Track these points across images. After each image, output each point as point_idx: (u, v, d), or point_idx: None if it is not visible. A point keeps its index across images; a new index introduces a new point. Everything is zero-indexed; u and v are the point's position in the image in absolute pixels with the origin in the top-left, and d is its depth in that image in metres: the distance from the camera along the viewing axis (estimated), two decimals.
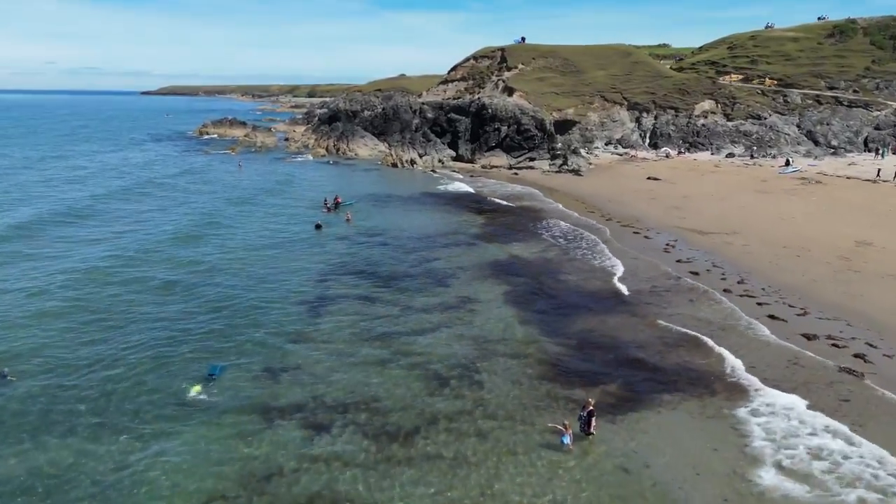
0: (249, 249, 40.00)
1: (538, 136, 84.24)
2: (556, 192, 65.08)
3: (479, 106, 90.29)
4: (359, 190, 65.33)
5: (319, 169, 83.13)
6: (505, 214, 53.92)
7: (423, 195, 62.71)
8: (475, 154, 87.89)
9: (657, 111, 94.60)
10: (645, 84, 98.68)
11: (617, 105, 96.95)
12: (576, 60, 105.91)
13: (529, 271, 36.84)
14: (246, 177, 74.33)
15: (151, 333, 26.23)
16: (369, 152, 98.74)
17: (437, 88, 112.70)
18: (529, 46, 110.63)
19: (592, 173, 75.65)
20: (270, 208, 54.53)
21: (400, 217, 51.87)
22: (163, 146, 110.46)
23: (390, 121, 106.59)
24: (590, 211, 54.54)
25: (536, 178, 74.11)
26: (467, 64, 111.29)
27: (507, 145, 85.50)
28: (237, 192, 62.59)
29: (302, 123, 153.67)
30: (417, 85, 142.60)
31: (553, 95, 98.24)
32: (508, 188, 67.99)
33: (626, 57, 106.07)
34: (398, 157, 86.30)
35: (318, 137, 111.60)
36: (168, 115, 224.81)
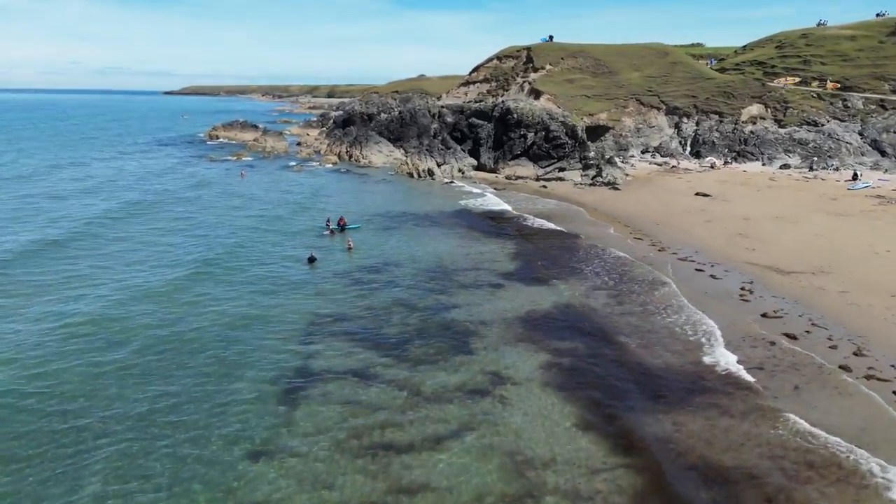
0: (219, 303, 31.30)
1: (568, 144, 75.75)
2: (593, 210, 56.56)
3: (503, 110, 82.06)
4: (367, 207, 57.47)
5: (328, 179, 75.47)
6: (537, 240, 45.53)
7: (440, 214, 54.58)
8: (498, 163, 79.63)
9: (699, 116, 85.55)
10: (685, 86, 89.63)
11: (654, 109, 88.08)
12: (608, 61, 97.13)
13: (579, 328, 28.52)
14: (246, 188, 66.88)
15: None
16: (384, 160, 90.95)
17: (458, 91, 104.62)
18: (557, 45, 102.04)
19: (631, 187, 67.03)
20: (262, 232, 46.64)
21: (412, 244, 43.74)
22: (167, 152, 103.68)
23: (407, 125, 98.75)
24: (637, 237, 45.97)
25: (568, 193, 65.65)
26: (490, 64, 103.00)
27: (533, 154, 77.13)
28: (229, 211, 54.85)
29: (316, 126, 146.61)
30: (437, 87, 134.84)
31: (584, 99, 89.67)
32: (538, 204, 59.58)
33: (662, 57, 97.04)
34: (415, 167, 78.37)
35: (331, 143, 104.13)
36: (184, 116, 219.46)
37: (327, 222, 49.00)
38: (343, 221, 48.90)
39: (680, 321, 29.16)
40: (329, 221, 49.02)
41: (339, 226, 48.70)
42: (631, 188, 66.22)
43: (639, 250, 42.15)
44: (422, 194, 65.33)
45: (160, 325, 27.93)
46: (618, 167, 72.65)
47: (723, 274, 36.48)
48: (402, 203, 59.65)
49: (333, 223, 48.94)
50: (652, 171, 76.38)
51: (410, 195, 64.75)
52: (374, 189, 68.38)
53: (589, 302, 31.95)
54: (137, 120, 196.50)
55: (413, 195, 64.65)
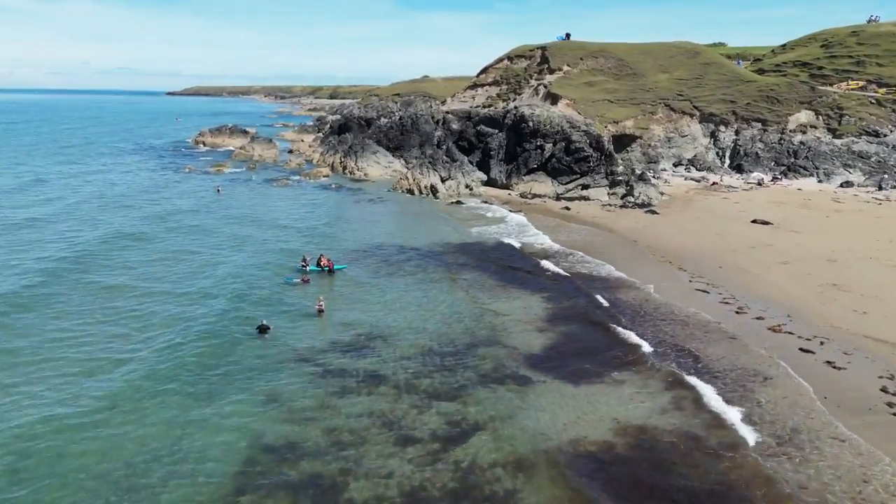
0: (109, 408, 21.12)
1: (593, 158, 65.00)
2: (630, 242, 45.89)
3: (516, 117, 71.43)
4: (356, 237, 46.90)
5: (315, 197, 64.86)
6: (567, 298, 34.62)
7: (446, 249, 43.88)
8: (511, 178, 68.96)
9: (738, 124, 74.73)
10: (720, 90, 78.80)
11: (686, 116, 77.29)
12: (632, 61, 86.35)
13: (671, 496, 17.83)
14: (219, 207, 56.41)
15: None
16: (381, 172, 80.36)
17: (464, 94, 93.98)
18: (575, 44, 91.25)
19: (670, 209, 56.30)
20: (215, 277, 35.75)
21: (409, 301, 32.87)
22: (146, 161, 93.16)
23: (408, 133, 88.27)
24: (701, 287, 35.07)
25: (596, 216, 54.92)
26: (500, 65, 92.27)
27: (552, 168, 66.42)
28: (187, 238, 44.37)
29: (311, 131, 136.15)
30: (441, 89, 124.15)
31: (606, 104, 78.92)
32: (562, 234, 48.81)
33: (693, 57, 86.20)
34: (415, 182, 67.76)
35: (324, 151, 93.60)
36: (178, 118, 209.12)
37: (303, 262, 38.51)
38: (327, 262, 38.38)
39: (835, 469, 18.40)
40: (306, 261, 38.52)
41: (321, 267, 38.25)
42: (670, 211, 55.46)
43: (711, 309, 31.45)
44: (424, 219, 54.62)
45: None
46: (651, 184, 61.90)
47: (841, 357, 25.72)
48: (400, 232, 49.02)
49: (312, 263, 38.50)
50: (689, 188, 65.58)
51: (410, 221, 54.07)
52: (367, 212, 57.71)
53: (664, 434, 21.02)
54: (130, 123, 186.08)
55: (413, 221, 53.97)
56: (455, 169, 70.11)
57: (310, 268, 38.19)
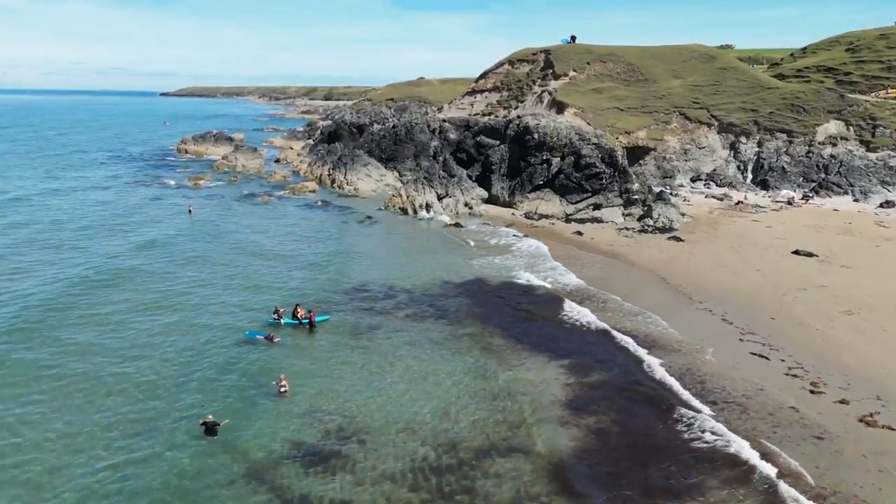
0: None
1: (606, 174, 58.44)
2: (659, 279, 39.27)
3: (520, 128, 64.88)
4: (337, 272, 40.21)
5: (298, 218, 58.13)
6: (610, 365, 28.10)
7: (442, 291, 37.10)
8: (515, 195, 62.38)
9: (761, 135, 68.34)
10: (740, 98, 72.42)
11: (703, 126, 70.91)
12: (642, 66, 79.92)
13: None
14: (186, 234, 49.66)
15: None
16: (373, 186, 73.69)
17: (462, 101, 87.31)
18: (581, 47, 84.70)
19: (695, 234, 49.86)
20: (158, 339, 28.92)
21: (391, 375, 26.08)
22: (121, 172, 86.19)
23: (402, 143, 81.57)
24: (753, 350, 28.68)
25: (614, 243, 48.35)
26: (500, 70, 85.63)
27: (560, 185, 59.85)
28: (136, 285, 37.20)
29: (302, 137, 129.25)
30: (437, 94, 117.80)
31: (616, 112, 72.48)
32: (580, 266, 42.15)
33: (708, 61, 79.83)
34: (409, 201, 61.11)
35: (312, 162, 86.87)
36: (167, 122, 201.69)
37: (275, 314, 31.86)
38: (305, 314, 31.73)
39: None
40: (279, 313, 31.86)
41: (297, 319, 31.66)
42: (696, 238, 49.01)
43: (777, 383, 24.93)
44: (418, 247, 47.99)
45: None
46: (671, 205, 55.42)
47: None
48: (390, 265, 42.38)
49: (287, 315, 31.88)
50: (712, 207, 59.12)
51: (402, 249, 47.44)
52: (353, 237, 50.97)
53: None
54: (117, 128, 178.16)
55: (406, 249, 47.33)
56: (453, 185, 63.46)
57: (284, 321, 31.62)
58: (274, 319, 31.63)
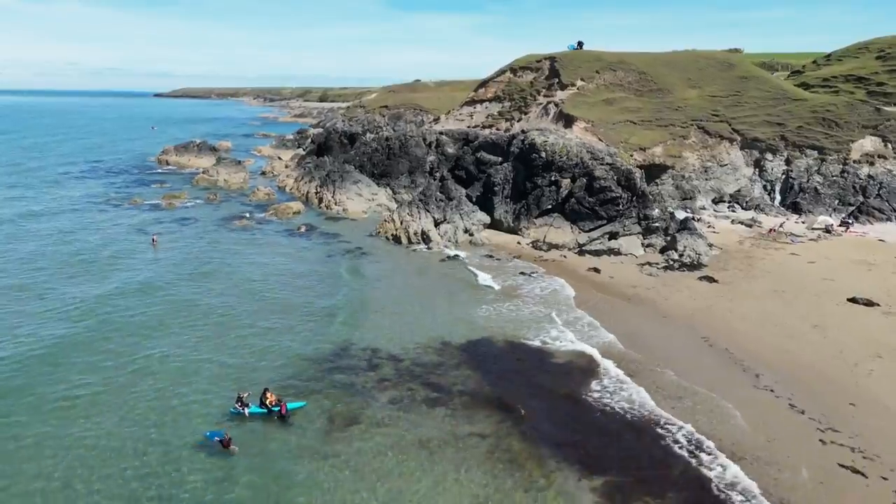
0: None
1: (623, 199, 51.97)
2: (698, 339, 32.78)
3: (525, 145, 58.34)
4: (318, 331, 33.60)
5: (277, 250, 51.44)
6: (668, 485, 21.67)
7: (438, 358, 30.47)
8: (521, 220, 55.86)
9: (789, 152, 61.94)
10: (764, 110, 66.05)
11: (725, 141, 64.51)
12: (655, 74, 73.50)
13: None
14: (144, 275, 42.91)
15: None
16: (363, 207, 67.07)
17: (461, 111, 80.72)
18: (590, 55, 78.16)
19: (727, 271, 43.43)
20: (70, 453, 22.64)
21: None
22: (95, 189, 79.44)
23: (395, 157, 74.95)
24: (841, 461, 22.18)
25: (637, 284, 41.79)
26: (502, 78, 79.05)
27: (571, 210, 53.35)
28: (60, 365, 30.81)
29: (291, 146, 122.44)
30: (434, 101, 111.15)
31: (629, 126, 66.07)
32: (611, 319, 35.64)
33: (727, 69, 73.42)
34: (403, 227, 54.54)
35: (299, 177, 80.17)
36: (154, 127, 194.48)
37: (239, 402, 25.25)
38: (275, 401, 25.24)
39: None
40: (243, 401, 25.27)
41: (265, 408, 25.13)
42: (731, 276, 42.55)
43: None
44: (412, 289, 41.39)
45: None
46: (697, 235, 48.98)
47: None
48: (378, 317, 35.77)
49: (253, 403, 25.36)
50: (741, 235, 52.68)
51: (393, 295, 40.75)
52: (337, 278, 44.21)
53: None
54: (102, 134, 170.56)
55: (398, 295, 40.66)
56: (451, 209, 56.87)
57: (249, 411, 25.08)
58: (237, 410, 25.08)
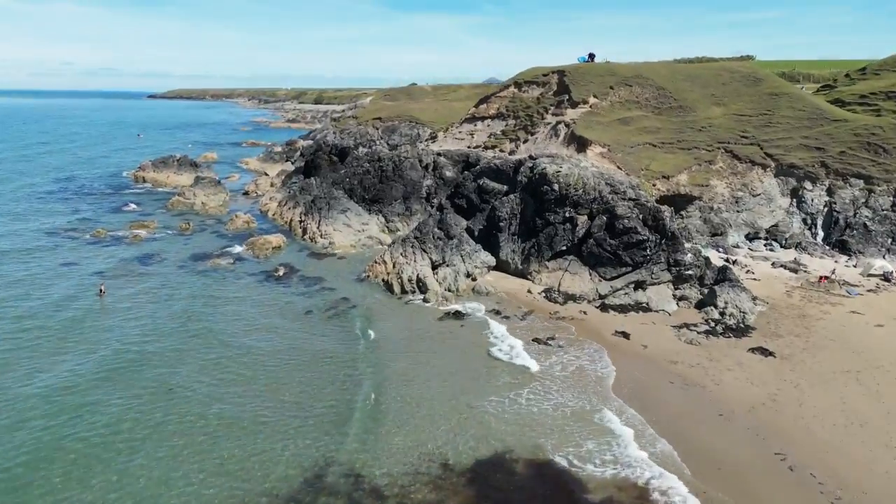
0: None
1: (650, 242, 44.54)
2: (776, 461, 25.35)
3: (534, 175, 50.83)
4: (279, 455, 26.11)
5: (246, 304, 43.70)
6: None
7: (435, 498, 23.17)
8: (530, 262, 48.37)
9: (831, 180, 54.63)
10: (799, 132, 58.71)
11: (757, 167, 57.14)
12: (675, 90, 66.07)
13: None
14: (74, 347, 35.37)
15: None
16: (352, 239, 59.43)
17: (461, 129, 73.14)
18: (602, 68, 70.57)
19: (781, 338, 36.07)
20: None
21: None
22: (57, 215, 71.72)
23: (389, 181, 67.40)
24: None
25: (678, 357, 34.34)
26: (505, 93, 71.49)
27: (590, 253, 45.89)
28: None
29: (279, 159, 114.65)
30: (430, 112, 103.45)
31: (648, 149, 58.67)
32: (660, 417, 28.24)
33: (754, 84, 66.05)
34: (396, 272, 47.02)
35: (283, 201, 72.47)
36: (140, 134, 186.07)
37: None
38: None
39: None
40: None
41: None
42: (786, 344, 35.18)
43: None
44: (406, 371, 33.87)
45: None
46: (739, 286, 41.58)
47: None
48: (361, 426, 28.34)
49: None
50: (785, 283, 45.31)
51: (382, 377, 33.26)
52: (314, 353, 36.50)
53: None
54: (82, 143, 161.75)
55: (388, 376, 33.16)
56: (451, 249, 49.33)
57: None
58: None
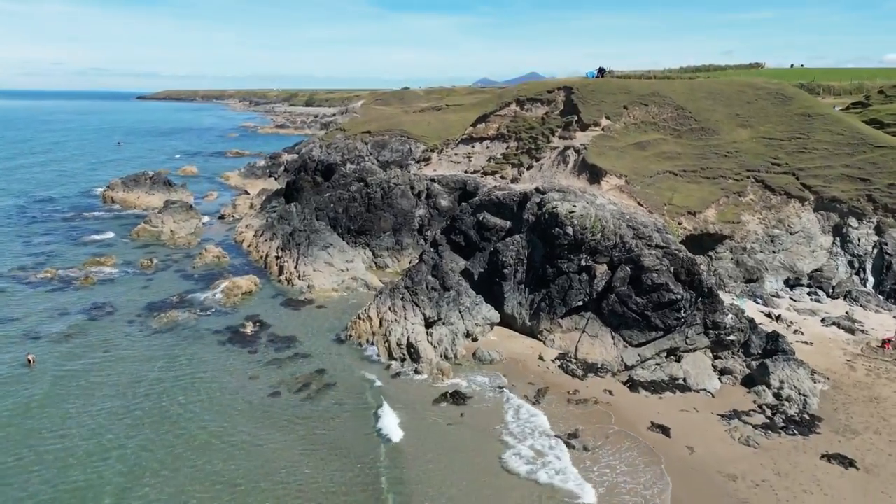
0: None
1: (685, 301, 37.30)
2: None
3: (543, 213, 43.39)
4: None
5: (201, 377, 36.14)
6: None
7: None
8: (540, 318, 41.03)
9: (879, 216, 47.64)
10: (840, 159, 51.69)
11: (794, 200, 50.06)
12: (695, 109, 58.90)
13: None
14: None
15: None
16: (334, 282, 51.92)
17: (457, 150, 65.72)
18: (614, 85, 63.18)
19: (855, 433, 28.99)
20: None
21: None
22: (13, 243, 64.09)
23: (377, 210, 59.96)
24: None
25: (733, 467, 27.02)
26: (506, 111, 64.08)
27: (611, 311, 38.61)
28: None
29: (262, 175, 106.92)
30: (423, 126, 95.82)
31: (668, 179, 51.54)
32: None
33: (783, 103, 58.98)
34: (383, 332, 39.61)
35: (260, 231, 64.80)
36: (121, 143, 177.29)
37: None
38: None
39: None
40: None
41: None
42: (866, 444, 28.07)
43: None
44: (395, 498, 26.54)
45: None
46: (794, 360, 34.43)
47: None
48: None
49: None
50: (844, 347, 38.16)
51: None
52: (275, 453, 29.27)
53: None
54: (60, 151, 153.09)
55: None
56: (448, 303, 41.91)
57: None
58: None
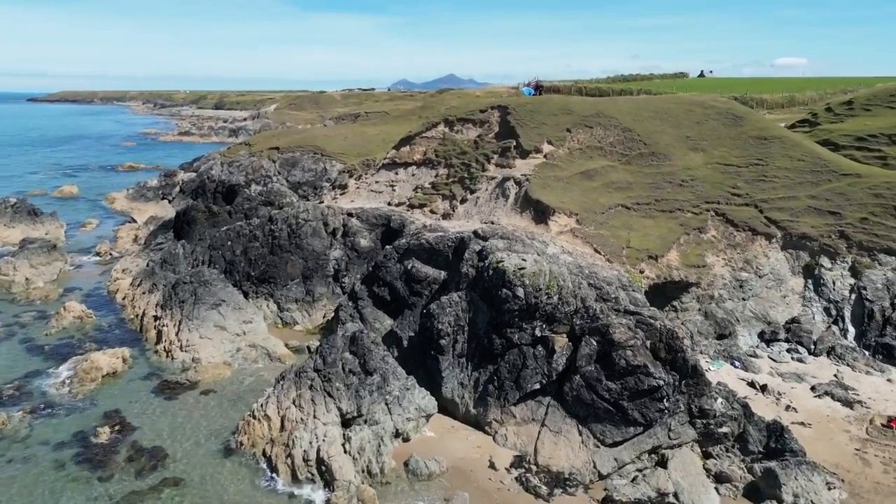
0: None
1: (665, 385, 29.80)
2: None
3: (486, 269, 34.79)
4: None
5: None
6: None
7: None
8: (488, 406, 32.46)
9: (854, 255, 42.32)
10: (804, 189, 46.30)
11: (759, 237, 44.08)
12: (644, 131, 52.32)
13: None
14: None
15: None
16: (227, 352, 41.24)
17: (378, 178, 56.11)
18: (555, 104, 55.43)
19: None
20: None
21: None
22: None
23: (283, 251, 49.65)
24: None
25: None
26: (433, 133, 55.16)
27: (575, 398, 30.64)
28: None
29: (153, 198, 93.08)
30: (339, 142, 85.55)
31: (621, 214, 44.45)
32: None
33: (734, 124, 53.39)
34: (283, 441, 29.84)
35: (137, 280, 52.76)
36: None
37: None
38: None
39: None
40: None
41: None
42: None
43: None
44: None
45: None
46: (807, 462, 27.63)
47: None
48: None
49: None
50: (845, 426, 31.88)
51: None
52: None
53: None
54: None
55: None
56: (372, 392, 32.47)
57: None
58: None
